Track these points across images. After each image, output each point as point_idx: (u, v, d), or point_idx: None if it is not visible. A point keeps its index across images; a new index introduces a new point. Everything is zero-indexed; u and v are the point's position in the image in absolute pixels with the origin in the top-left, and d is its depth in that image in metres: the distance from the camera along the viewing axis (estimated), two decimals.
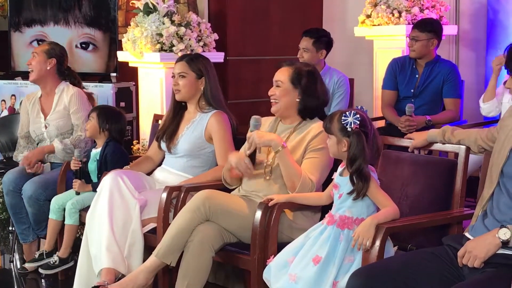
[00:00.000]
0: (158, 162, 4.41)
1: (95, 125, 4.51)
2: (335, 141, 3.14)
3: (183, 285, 3.45)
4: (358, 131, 3.07)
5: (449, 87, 5.08)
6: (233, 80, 6.77)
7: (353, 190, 3.06)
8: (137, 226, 3.91)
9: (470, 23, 6.27)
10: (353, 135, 3.07)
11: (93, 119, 4.54)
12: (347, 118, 3.08)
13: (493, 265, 2.67)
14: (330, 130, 3.15)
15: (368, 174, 3.05)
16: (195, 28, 5.44)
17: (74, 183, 4.42)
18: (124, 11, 7.01)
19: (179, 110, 4.31)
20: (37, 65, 4.93)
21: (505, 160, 2.86)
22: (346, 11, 6.99)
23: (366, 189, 3.04)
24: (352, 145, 3.07)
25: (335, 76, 5.35)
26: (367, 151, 3.06)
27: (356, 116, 3.07)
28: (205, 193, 3.57)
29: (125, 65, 5.89)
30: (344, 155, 3.12)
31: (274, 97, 3.69)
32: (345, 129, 3.08)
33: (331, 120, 3.15)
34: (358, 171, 3.04)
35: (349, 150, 3.08)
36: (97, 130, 4.52)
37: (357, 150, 3.05)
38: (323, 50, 5.34)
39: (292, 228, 3.54)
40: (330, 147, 3.18)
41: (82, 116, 4.84)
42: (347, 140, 3.09)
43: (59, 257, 4.45)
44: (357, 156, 3.05)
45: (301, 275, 3.04)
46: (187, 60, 4.25)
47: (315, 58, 5.28)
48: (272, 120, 3.83)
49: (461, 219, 3.31)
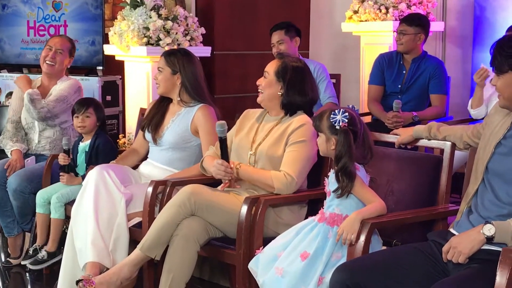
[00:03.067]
0: (143, 155, 4.41)
1: (95, 120, 4.51)
2: (324, 139, 3.14)
3: (168, 279, 3.44)
4: (346, 130, 3.06)
5: (436, 83, 5.10)
6: (220, 75, 6.76)
7: (338, 188, 3.06)
8: (122, 220, 3.90)
9: (457, 20, 6.29)
10: (341, 133, 3.07)
11: (92, 115, 4.51)
12: (335, 116, 3.08)
13: (478, 261, 2.68)
14: (320, 128, 3.15)
15: (354, 172, 3.05)
16: (182, 22, 5.42)
17: (62, 177, 4.40)
18: (111, 4, 6.98)
19: (165, 102, 4.31)
20: (60, 63, 4.97)
21: (490, 156, 2.87)
22: (334, 6, 6.99)
23: (351, 188, 3.04)
24: (338, 143, 3.07)
25: (312, 65, 5.37)
26: (353, 150, 3.05)
27: (345, 115, 3.07)
28: (191, 188, 3.57)
29: (111, 59, 5.86)
30: (333, 153, 3.12)
31: (260, 87, 3.72)
32: (333, 127, 3.08)
33: (321, 118, 3.15)
34: (343, 169, 3.04)
35: (336, 148, 3.08)
36: (96, 125, 4.52)
37: (343, 148, 3.05)
38: (297, 37, 5.47)
39: (277, 223, 3.55)
40: (319, 145, 3.19)
41: (59, 93, 4.87)
42: (335, 138, 3.09)
43: (47, 252, 4.42)
44: (343, 154, 3.05)
45: (288, 270, 3.04)
46: (164, 55, 4.27)
47: (291, 47, 5.38)
48: (259, 112, 3.84)
49: (446, 215, 3.32)
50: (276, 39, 5.40)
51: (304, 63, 3.81)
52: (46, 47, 4.99)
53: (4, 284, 4.55)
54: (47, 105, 4.79)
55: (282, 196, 3.52)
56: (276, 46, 5.40)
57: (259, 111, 3.84)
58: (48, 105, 4.79)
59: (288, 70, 3.66)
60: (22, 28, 6.80)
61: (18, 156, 4.79)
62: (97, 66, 6.33)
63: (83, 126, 4.51)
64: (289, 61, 3.71)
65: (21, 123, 4.99)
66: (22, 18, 6.79)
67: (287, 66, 3.67)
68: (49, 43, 4.99)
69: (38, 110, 4.77)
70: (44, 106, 4.78)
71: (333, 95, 5.39)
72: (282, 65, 3.67)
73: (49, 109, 4.79)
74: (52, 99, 4.82)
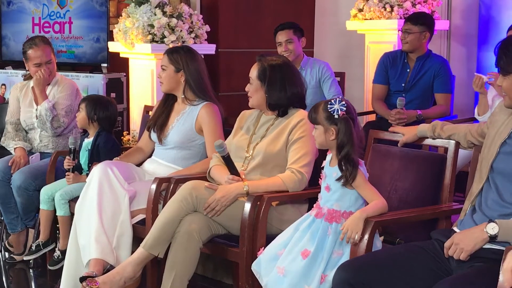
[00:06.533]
0: (148, 153, 4.40)
1: (84, 116, 4.51)
2: (322, 131, 3.13)
3: (170, 276, 3.44)
4: (345, 117, 3.06)
5: (440, 82, 5.09)
6: (224, 72, 6.76)
7: (341, 176, 3.05)
8: (126, 217, 3.91)
9: (462, 19, 6.27)
10: (341, 121, 3.06)
11: (82, 110, 4.53)
12: (333, 105, 3.07)
13: (481, 260, 2.68)
14: (316, 120, 3.14)
15: (357, 160, 3.05)
16: (187, 19, 5.42)
17: (67, 176, 4.39)
18: (116, 1, 6.99)
19: (170, 101, 4.31)
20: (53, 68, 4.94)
21: (495, 155, 2.87)
22: (338, 4, 6.98)
23: (355, 176, 3.03)
24: (340, 132, 3.06)
25: (316, 65, 5.41)
26: (355, 137, 3.06)
27: (342, 103, 3.07)
28: (192, 184, 3.57)
29: (116, 56, 5.87)
30: (332, 144, 3.11)
31: (248, 93, 3.76)
32: (332, 117, 3.07)
33: (316, 110, 3.13)
34: (347, 156, 3.04)
35: (337, 137, 3.08)
36: (86, 121, 4.52)
37: (345, 136, 3.05)
38: (303, 38, 5.46)
39: (281, 220, 3.55)
40: (317, 137, 3.17)
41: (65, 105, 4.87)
42: (334, 128, 3.08)
43: (60, 250, 4.42)
44: (345, 142, 3.05)
45: (289, 269, 3.04)
46: (167, 53, 4.26)
47: (299, 47, 5.39)
48: (255, 113, 3.85)
49: (450, 213, 3.32)
50: (284, 38, 5.38)
51: (285, 58, 3.82)
52: (31, 63, 4.87)
53: (8, 280, 4.56)
54: (63, 122, 4.84)
55: (284, 193, 3.52)
56: (284, 45, 5.37)
57: (255, 112, 3.86)
58: (64, 122, 4.84)
59: (267, 70, 3.67)
60: (27, 24, 6.81)
61: (22, 153, 4.80)
62: (102, 63, 6.33)
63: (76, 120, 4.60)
64: (267, 61, 3.71)
65: (20, 124, 4.99)
66: (27, 14, 6.80)
67: (265, 67, 3.68)
68: (33, 60, 4.85)
69: (55, 130, 4.84)
70: (62, 125, 4.84)
71: (338, 93, 5.38)
72: (262, 68, 3.70)
73: (63, 125, 4.84)
74: (63, 114, 4.84)
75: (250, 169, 3.67)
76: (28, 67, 4.93)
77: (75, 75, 6.26)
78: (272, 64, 3.69)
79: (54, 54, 4.96)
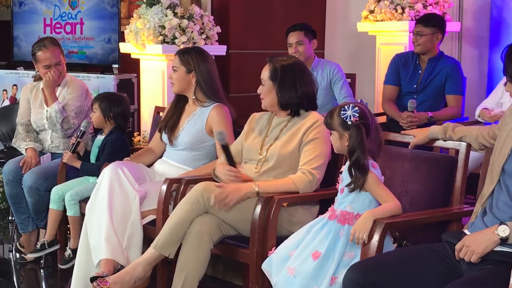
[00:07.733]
0: (159, 155, 4.41)
1: (99, 115, 4.52)
2: (337, 137, 3.14)
3: (181, 277, 3.45)
4: (358, 124, 3.06)
5: (452, 84, 5.07)
6: (234, 74, 6.76)
7: (351, 182, 3.06)
8: (136, 218, 3.91)
9: (473, 20, 6.26)
10: (353, 127, 3.06)
11: (96, 110, 4.54)
12: (346, 111, 3.08)
13: (492, 262, 2.67)
14: (332, 126, 3.15)
15: (366, 166, 3.05)
16: (198, 20, 5.43)
17: (65, 153, 4.45)
18: (127, 2, 7.01)
19: (181, 102, 4.32)
20: (63, 70, 4.95)
21: (506, 158, 2.86)
22: (349, 6, 6.97)
23: (363, 182, 3.04)
24: (351, 138, 3.06)
25: (327, 66, 5.40)
26: (366, 143, 3.05)
27: (355, 109, 3.07)
28: (204, 185, 3.57)
29: (127, 57, 5.88)
30: (346, 149, 3.11)
31: (261, 95, 3.75)
32: (345, 123, 3.08)
33: (332, 116, 3.14)
34: (356, 163, 3.04)
35: (349, 144, 3.08)
36: (102, 120, 4.54)
37: (355, 142, 3.04)
38: (314, 40, 5.44)
39: (291, 222, 3.54)
40: (333, 143, 3.18)
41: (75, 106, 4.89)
42: (348, 134, 3.08)
43: (71, 249, 4.44)
44: (356, 148, 3.04)
45: (300, 269, 3.03)
46: (178, 54, 4.27)
47: (309, 49, 5.38)
48: (267, 115, 3.85)
49: (461, 216, 3.30)
50: (295, 39, 5.38)
51: (296, 59, 3.83)
52: (40, 65, 4.87)
53: (18, 281, 4.58)
54: (73, 123, 4.85)
55: (296, 195, 3.52)
56: (294, 46, 5.37)
57: (266, 114, 3.85)
58: (74, 124, 4.85)
59: (278, 70, 3.67)
60: (38, 25, 6.84)
61: (33, 154, 4.81)
62: (113, 64, 6.35)
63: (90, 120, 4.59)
64: (278, 61, 3.72)
65: (31, 125, 5.01)
66: (39, 15, 6.83)
67: (277, 67, 3.68)
68: (42, 62, 4.85)
69: (65, 132, 4.86)
70: (72, 126, 4.85)
71: (349, 94, 5.37)
72: (273, 68, 3.69)
73: (73, 127, 4.86)
74: (73, 115, 4.86)
75: (263, 172, 3.66)
76: (38, 69, 4.95)
77: (86, 76, 6.28)
78: (283, 64, 3.69)
79: (63, 55, 4.96)
